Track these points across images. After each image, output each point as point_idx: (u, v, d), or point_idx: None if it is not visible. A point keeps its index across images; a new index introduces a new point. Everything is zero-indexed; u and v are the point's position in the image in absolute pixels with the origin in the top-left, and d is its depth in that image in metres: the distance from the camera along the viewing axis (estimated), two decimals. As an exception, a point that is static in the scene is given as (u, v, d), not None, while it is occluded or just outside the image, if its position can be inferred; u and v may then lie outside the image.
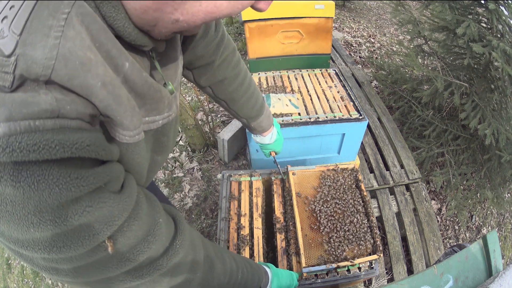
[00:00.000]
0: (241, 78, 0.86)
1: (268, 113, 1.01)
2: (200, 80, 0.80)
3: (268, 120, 1.02)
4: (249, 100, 0.91)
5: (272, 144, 1.11)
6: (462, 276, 0.69)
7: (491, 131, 1.69)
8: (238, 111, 0.92)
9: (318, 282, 0.99)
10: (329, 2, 1.72)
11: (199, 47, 0.69)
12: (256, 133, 1.05)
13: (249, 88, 0.90)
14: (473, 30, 1.62)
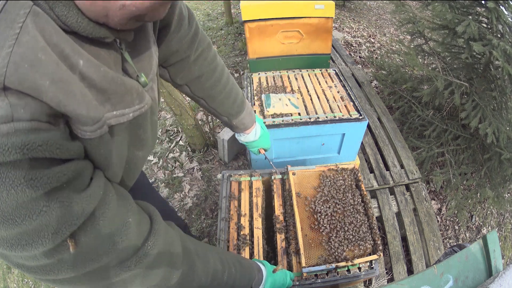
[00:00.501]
0: (219, 73, 0.84)
1: (250, 109, 0.99)
2: (177, 78, 0.79)
3: (250, 116, 0.99)
4: (229, 96, 0.88)
5: (258, 140, 1.08)
6: (462, 276, 0.69)
7: (491, 130, 1.68)
8: (218, 108, 0.89)
9: (318, 282, 0.99)
10: (329, 2, 1.72)
11: (174, 41, 0.69)
12: (239, 131, 1.02)
13: (228, 84, 0.87)
14: (473, 29, 1.62)
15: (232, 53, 3.67)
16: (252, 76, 1.82)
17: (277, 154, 1.62)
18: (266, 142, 1.13)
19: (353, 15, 4.85)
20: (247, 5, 1.69)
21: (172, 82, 0.80)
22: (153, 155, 2.40)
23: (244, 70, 3.25)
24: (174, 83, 0.80)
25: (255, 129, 1.04)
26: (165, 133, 2.59)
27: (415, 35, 2.20)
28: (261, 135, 1.09)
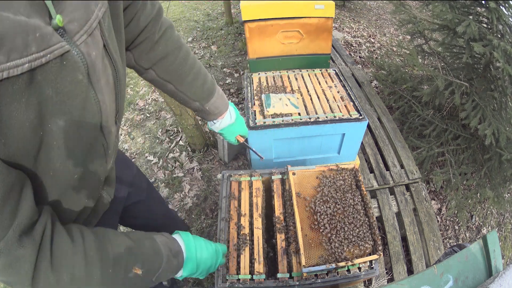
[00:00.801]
0: (184, 53, 0.80)
1: (221, 92, 0.94)
2: (142, 61, 0.75)
3: (223, 99, 0.94)
4: (197, 77, 0.84)
5: (235, 123, 1.02)
6: (462, 276, 0.69)
7: (491, 130, 1.68)
8: (187, 91, 0.84)
9: (318, 282, 0.99)
10: (329, 2, 1.72)
11: (142, 18, 0.68)
12: (214, 118, 0.96)
13: (195, 65, 0.83)
14: (473, 29, 1.62)
15: (232, 53, 3.67)
16: (252, 76, 1.82)
17: (277, 154, 1.62)
18: (243, 127, 1.08)
19: (353, 15, 4.85)
20: (247, 5, 1.69)
21: (137, 67, 0.77)
22: (153, 155, 2.40)
23: (244, 70, 3.25)
24: (139, 67, 0.77)
25: (229, 112, 0.99)
26: (165, 133, 2.59)
27: (415, 35, 2.20)
28: (237, 118, 1.03)
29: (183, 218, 1.99)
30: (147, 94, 3.16)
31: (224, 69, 3.35)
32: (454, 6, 1.85)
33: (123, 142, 2.62)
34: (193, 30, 4.42)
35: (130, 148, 2.54)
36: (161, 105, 2.91)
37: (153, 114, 2.84)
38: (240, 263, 1.04)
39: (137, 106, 3.00)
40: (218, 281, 1.00)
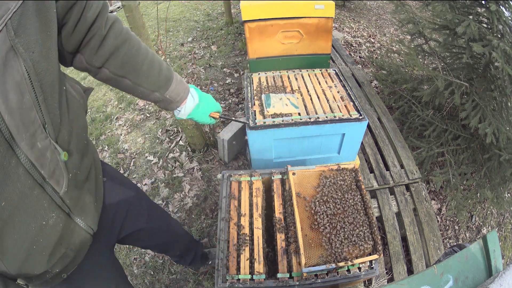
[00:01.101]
0: (135, 43, 0.78)
1: (180, 77, 0.91)
2: (93, 60, 0.72)
3: (182, 84, 0.90)
4: (152, 66, 0.81)
5: (200, 103, 0.97)
6: (462, 276, 0.69)
7: (491, 130, 1.68)
8: (145, 83, 0.80)
9: (318, 282, 0.99)
10: (329, 2, 1.72)
11: (88, 15, 0.67)
12: (178, 105, 0.92)
13: (148, 53, 0.81)
14: (473, 29, 1.62)
15: (232, 53, 3.67)
16: (252, 76, 1.82)
17: (277, 154, 1.62)
18: (211, 104, 1.02)
19: (353, 15, 4.85)
20: (247, 5, 1.69)
21: (90, 68, 0.74)
22: (153, 155, 2.40)
23: (244, 70, 3.25)
24: (92, 67, 0.74)
25: (191, 94, 0.94)
26: (165, 133, 2.59)
27: (415, 35, 2.20)
28: (201, 96, 0.98)
29: (183, 218, 2.00)
30: (147, 94, 3.15)
31: (224, 69, 3.36)
32: (454, 6, 1.85)
33: (123, 142, 2.62)
34: (193, 30, 4.42)
35: (130, 148, 2.54)
36: (161, 105, 2.91)
37: (153, 114, 2.84)
38: (240, 263, 1.05)
39: (137, 106, 3.00)
40: (218, 281, 1.00)
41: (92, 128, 2.94)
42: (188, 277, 1.73)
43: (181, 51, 3.86)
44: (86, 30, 0.68)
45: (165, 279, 1.75)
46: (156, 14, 5.00)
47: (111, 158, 2.47)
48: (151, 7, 5.99)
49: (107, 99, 3.35)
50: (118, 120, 2.91)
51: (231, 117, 1.11)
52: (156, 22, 4.64)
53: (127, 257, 1.87)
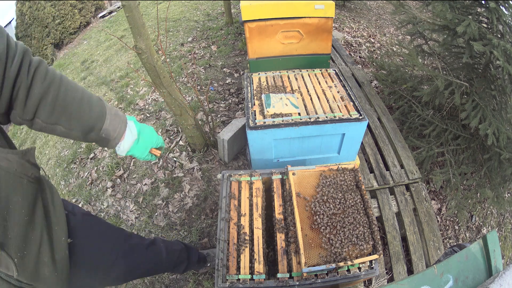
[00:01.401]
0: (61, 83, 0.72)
1: (114, 109, 0.83)
2: (23, 113, 0.68)
3: (118, 117, 0.82)
4: (82, 103, 0.75)
5: (140, 138, 0.89)
6: (462, 276, 0.69)
7: (492, 130, 1.68)
8: (78, 126, 0.75)
9: (318, 282, 0.99)
10: (329, 2, 1.72)
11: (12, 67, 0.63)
12: (117, 143, 0.84)
13: (76, 89, 0.75)
14: (473, 29, 1.62)
15: (232, 53, 3.67)
16: (252, 76, 1.82)
17: (277, 154, 1.62)
18: (152, 138, 0.93)
19: (353, 15, 4.85)
20: (247, 5, 1.69)
21: (24, 122, 0.70)
22: (153, 155, 2.40)
23: (244, 70, 3.25)
24: (25, 121, 0.70)
25: (129, 128, 0.85)
26: (165, 133, 2.59)
27: (415, 35, 2.20)
28: (141, 131, 0.89)
29: (183, 218, 2.00)
30: (147, 94, 3.16)
31: (224, 69, 3.36)
32: (454, 6, 1.85)
33: (123, 142, 2.62)
34: (193, 30, 4.42)
35: (130, 148, 2.54)
36: (161, 105, 2.91)
37: (153, 114, 2.84)
38: (240, 263, 1.05)
39: (137, 106, 3.00)
40: (218, 281, 1.00)
41: (92, 128, 2.94)
42: (188, 277, 1.73)
43: (181, 51, 3.86)
44: (11, 86, 0.64)
45: (165, 279, 1.75)
46: (156, 14, 5.00)
47: (111, 158, 2.47)
48: (151, 7, 6.00)
49: (107, 99, 3.36)
50: (118, 120, 2.91)
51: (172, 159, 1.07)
52: (156, 22, 4.64)
53: (127, 257, 1.87)
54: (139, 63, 3.79)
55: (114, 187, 2.27)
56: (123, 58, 4.22)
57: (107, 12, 7.20)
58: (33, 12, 6.02)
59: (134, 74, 3.61)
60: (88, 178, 2.42)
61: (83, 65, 4.63)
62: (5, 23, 6.27)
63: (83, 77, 4.21)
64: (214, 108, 2.77)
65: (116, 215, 2.09)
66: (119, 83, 3.58)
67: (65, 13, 6.36)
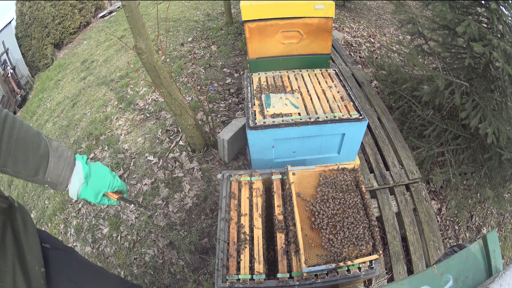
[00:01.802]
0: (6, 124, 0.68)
1: (61, 151, 0.77)
2: None
3: (63, 160, 0.77)
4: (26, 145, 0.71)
5: (92, 181, 0.82)
6: (462, 276, 0.69)
7: (492, 130, 1.68)
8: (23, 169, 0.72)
9: (318, 282, 0.99)
10: (329, 2, 1.72)
11: None
12: (66, 187, 0.79)
13: (20, 129, 0.71)
14: (473, 29, 1.61)
15: (232, 53, 3.67)
16: (252, 76, 1.82)
17: (277, 154, 1.62)
18: (105, 182, 0.84)
19: (353, 15, 4.85)
20: (247, 5, 1.69)
21: None
22: (153, 155, 2.40)
23: (244, 70, 3.25)
24: None
25: (76, 171, 0.79)
26: (165, 133, 2.59)
27: (415, 35, 2.20)
28: (91, 173, 0.82)
29: (183, 218, 2.00)
30: (147, 94, 3.16)
31: (224, 69, 3.36)
32: (454, 6, 1.85)
33: (123, 142, 2.62)
34: (193, 30, 4.42)
35: (130, 148, 2.54)
36: (161, 105, 2.91)
37: (153, 114, 2.84)
38: (240, 263, 1.04)
39: (137, 106, 3.01)
40: (218, 281, 1.00)
41: (92, 128, 2.94)
42: (188, 277, 1.74)
43: (181, 51, 3.86)
44: None
45: (165, 279, 1.75)
46: (156, 14, 5.00)
47: (111, 158, 2.47)
48: (151, 7, 6.00)
49: (107, 99, 3.36)
50: (118, 120, 2.92)
51: (134, 201, 0.99)
52: (156, 22, 4.64)
53: (127, 257, 1.87)
54: (139, 63, 3.79)
55: (114, 187, 2.27)
56: (123, 58, 4.22)
57: (107, 12, 7.20)
58: (33, 12, 6.02)
59: (134, 74, 3.61)
60: (88, 178, 2.41)
61: (83, 65, 4.63)
62: (5, 23, 6.27)
63: (83, 77, 4.21)
64: (214, 108, 2.77)
65: (116, 215, 2.09)
66: (119, 83, 3.58)
67: (65, 13, 6.36)
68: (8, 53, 6.10)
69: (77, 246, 2.07)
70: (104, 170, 0.85)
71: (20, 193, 2.92)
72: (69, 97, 3.91)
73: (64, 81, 4.53)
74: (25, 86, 6.03)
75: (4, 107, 5.30)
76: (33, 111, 4.33)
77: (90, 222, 2.13)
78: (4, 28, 6.22)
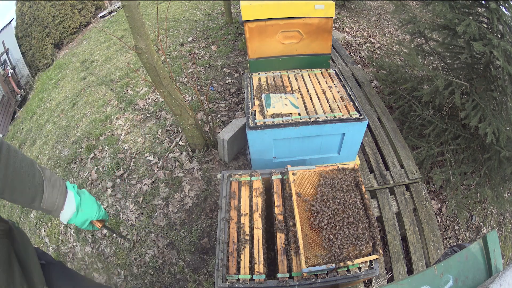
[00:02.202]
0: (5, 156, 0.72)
1: (54, 180, 0.84)
2: None
3: (56, 189, 0.83)
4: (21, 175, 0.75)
5: (82, 211, 0.90)
6: (462, 276, 0.69)
7: (491, 130, 1.68)
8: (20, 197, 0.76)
9: (318, 282, 0.99)
10: (329, 2, 1.72)
11: None
12: (59, 213, 0.86)
13: (16, 159, 0.74)
14: (473, 28, 1.62)
15: (232, 53, 3.67)
16: (252, 76, 1.82)
17: (277, 154, 1.62)
18: (92, 211, 0.92)
19: (353, 15, 4.85)
20: (247, 5, 1.69)
21: None
22: (153, 155, 2.40)
23: (244, 70, 3.25)
24: None
25: (68, 200, 0.86)
26: (165, 133, 2.59)
27: (415, 35, 2.20)
28: (81, 203, 0.90)
29: (183, 218, 2.00)
30: (147, 94, 3.16)
31: (224, 69, 3.36)
32: (454, 6, 1.85)
33: (123, 142, 2.62)
34: (193, 30, 4.42)
35: (130, 148, 2.54)
36: (161, 105, 2.91)
37: (153, 114, 2.84)
38: (240, 263, 1.04)
39: (137, 106, 3.00)
40: (218, 281, 1.00)
41: (92, 128, 2.94)
42: (188, 277, 1.74)
43: (181, 51, 3.86)
44: None
45: (165, 279, 1.75)
46: (156, 14, 5.00)
47: (111, 158, 2.47)
48: (151, 7, 6.00)
49: (107, 99, 3.36)
50: (118, 120, 2.92)
51: (115, 230, 1.09)
52: (156, 22, 4.64)
53: (127, 257, 1.87)
54: (139, 63, 3.79)
55: (114, 187, 2.27)
56: (123, 58, 4.22)
57: (107, 12, 7.20)
58: (33, 12, 6.02)
59: (134, 74, 3.61)
60: (88, 178, 2.42)
61: (83, 65, 4.63)
62: (5, 23, 6.26)
63: (83, 77, 4.21)
64: (214, 108, 2.77)
65: (116, 215, 2.09)
66: (119, 83, 3.58)
67: (65, 13, 6.36)
68: (8, 53, 6.10)
69: (77, 246, 2.07)
70: (92, 200, 0.94)
71: (20, 193, 2.92)
72: (69, 97, 3.91)
73: (64, 81, 4.53)
74: (25, 86, 6.03)
75: (4, 107, 5.30)
76: (33, 111, 4.33)
77: (90, 222, 2.13)
78: (4, 28, 6.22)
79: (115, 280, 1.82)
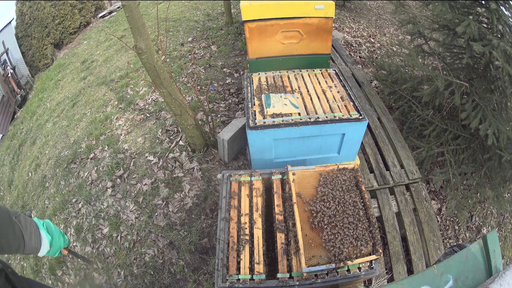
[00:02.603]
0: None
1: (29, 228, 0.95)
2: None
3: (33, 235, 0.95)
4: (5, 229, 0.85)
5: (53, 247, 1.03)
6: (462, 276, 0.69)
7: (492, 130, 1.68)
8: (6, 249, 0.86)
9: (318, 282, 0.99)
10: (329, 2, 1.72)
11: None
12: (37, 253, 0.98)
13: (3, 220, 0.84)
14: (473, 29, 1.62)
15: (232, 53, 3.67)
16: (252, 76, 1.82)
17: (277, 154, 1.62)
18: (60, 243, 1.07)
19: (353, 15, 4.85)
20: (247, 5, 1.69)
21: None
22: (153, 155, 2.40)
23: (244, 70, 3.25)
24: None
25: (43, 242, 0.99)
26: (165, 133, 2.59)
27: (415, 35, 2.20)
28: (51, 242, 1.02)
29: (183, 218, 2.00)
30: (147, 94, 3.16)
31: (224, 69, 3.36)
32: (454, 6, 1.85)
33: (123, 142, 2.62)
34: (193, 30, 4.42)
35: (130, 148, 2.54)
36: (161, 105, 2.91)
37: (153, 114, 2.84)
38: (240, 263, 1.04)
39: (137, 106, 3.00)
40: (218, 281, 1.00)
41: (92, 128, 2.94)
42: (188, 277, 1.74)
43: (181, 51, 3.86)
44: None
45: (165, 279, 1.75)
46: (156, 14, 5.00)
47: (111, 158, 2.47)
48: (151, 7, 6.00)
49: (107, 99, 3.36)
50: (118, 120, 2.91)
51: (78, 254, 1.26)
52: (156, 22, 4.64)
53: (127, 257, 1.87)
54: (139, 63, 3.79)
55: (114, 187, 2.27)
56: (123, 58, 4.22)
57: (107, 12, 7.20)
58: (33, 12, 6.02)
59: (134, 74, 3.61)
60: (88, 178, 2.42)
61: (83, 65, 4.63)
62: (5, 23, 6.26)
63: (83, 77, 4.21)
64: (214, 108, 2.77)
65: (116, 215, 2.09)
66: (119, 83, 3.58)
67: (65, 13, 6.36)
68: (8, 53, 6.10)
69: (77, 246, 2.07)
70: (58, 232, 1.07)
71: (20, 193, 2.92)
72: (69, 97, 3.91)
73: (64, 81, 4.53)
74: (25, 86, 6.03)
75: (4, 107, 5.30)
76: (33, 111, 4.33)
77: (90, 222, 2.13)
78: (4, 28, 6.21)
79: (115, 280, 1.82)
